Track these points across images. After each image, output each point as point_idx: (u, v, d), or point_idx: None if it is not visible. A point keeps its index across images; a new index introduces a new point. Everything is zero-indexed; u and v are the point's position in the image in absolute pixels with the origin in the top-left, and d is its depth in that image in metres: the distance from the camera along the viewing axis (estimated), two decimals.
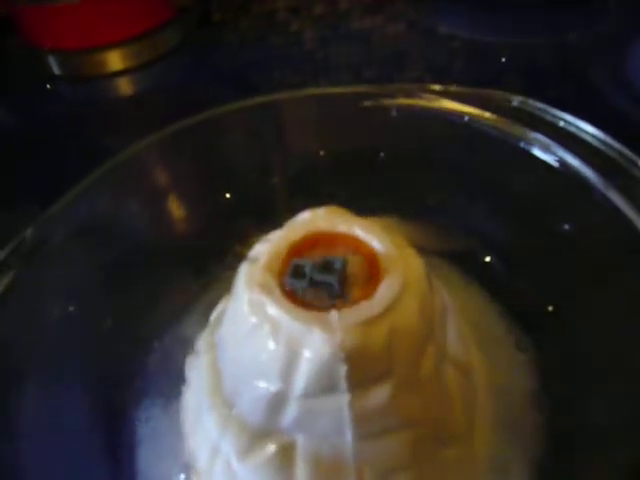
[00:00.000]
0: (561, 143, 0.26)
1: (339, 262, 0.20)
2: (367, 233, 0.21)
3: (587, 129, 0.26)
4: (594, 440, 0.22)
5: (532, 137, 0.27)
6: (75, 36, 0.53)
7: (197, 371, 0.25)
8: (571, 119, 0.26)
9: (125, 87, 0.56)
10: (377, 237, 0.21)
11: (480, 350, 0.26)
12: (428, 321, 0.20)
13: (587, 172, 0.25)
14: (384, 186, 0.32)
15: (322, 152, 0.34)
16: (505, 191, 0.29)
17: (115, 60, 0.55)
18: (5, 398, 0.23)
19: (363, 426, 0.19)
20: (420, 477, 0.21)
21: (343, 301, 0.19)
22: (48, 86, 0.56)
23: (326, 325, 0.19)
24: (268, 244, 0.22)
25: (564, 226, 0.27)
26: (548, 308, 0.27)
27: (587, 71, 0.46)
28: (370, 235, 0.21)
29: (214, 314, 0.27)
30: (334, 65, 0.55)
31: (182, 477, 0.24)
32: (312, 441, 0.20)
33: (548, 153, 0.27)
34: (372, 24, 0.61)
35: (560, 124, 0.27)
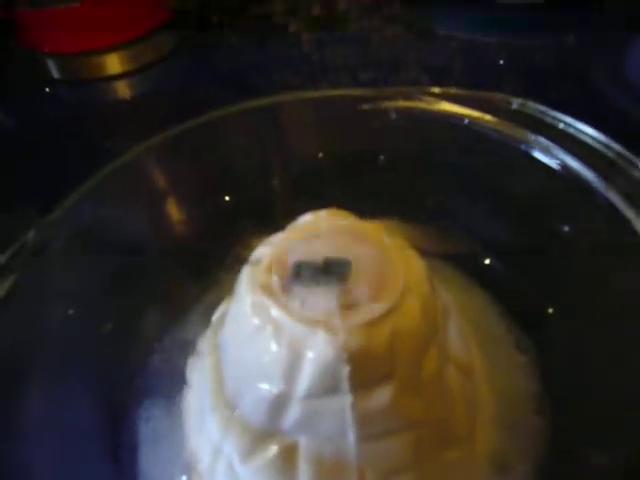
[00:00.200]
0: (561, 145, 0.26)
1: (341, 264, 0.20)
2: (369, 235, 0.22)
3: (587, 131, 0.26)
4: (594, 441, 0.23)
5: (532, 139, 0.27)
6: (74, 39, 0.53)
7: (199, 372, 0.25)
8: (571, 121, 0.26)
9: (124, 90, 0.56)
10: (379, 239, 0.21)
11: (481, 351, 0.26)
12: (430, 322, 0.20)
13: (587, 174, 0.25)
14: (384, 189, 0.32)
15: (322, 155, 0.34)
16: (505, 193, 0.29)
17: (114, 63, 0.55)
18: (7, 399, 0.23)
19: (365, 427, 0.19)
20: (422, 478, 0.21)
21: (345, 303, 0.19)
22: (47, 89, 0.56)
23: (329, 327, 0.19)
24: (270, 246, 0.22)
25: (564, 227, 0.27)
26: (548, 309, 0.27)
27: (586, 72, 0.46)
28: (372, 237, 0.22)
29: (216, 316, 0.27)
30: (332, 67, 0.55)
31: (184, 478, 0.24)
32: (314, 442, 0.20)
33: (548, 155, 0.27)
34: (370, 26, 0.61)
35: (560, 126, 0.27)
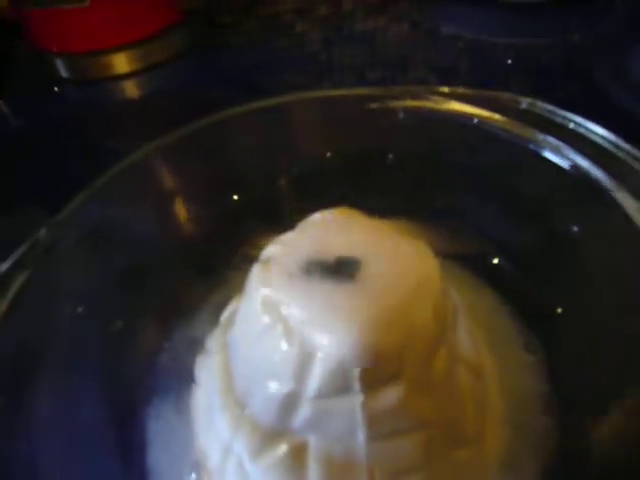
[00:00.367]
0: (571, 145, 0.26)
1: (352, 263, 0.20)
2: (380, 234, 0.22)
3: (597, 130, 0.26)
4: (603, 441, 0.22)
5: (542, 139, 0.27)
6: (82, 39, 0.54)
7: (208, 371, 0.25)
8: (581, 121, 0.26)
9: (132, 90, 0.56)
10: (390, 237, 0.21)
11: (490, 351, 0.26)
12: (441, 322, 0.20)
13: (597, 173, 0.25)
14: (392, 188, 0.32)
15: (329, 154, 0.34)
16: (514, 193, 0.29)
17: (122, 63, 0.55)
18: (16, 397, 0.23)
19: (375, 427, 0.19)
20: (431, 478, 0.21)
21: (356, 301, 0.19)
22: (55, 89, 0.56)
23: (339, 326, 0.19)
24: (281, 245, 0.22)
25: (574, 227, 0.27)
26: (557, 309, 0.27)
27: (593, 72, 0.46)
28: (383, 235, 0.22)
29: (225, 314, 0.27)
30: (338, 66, 0.55)
31: (193, 476, 0.24)
32: (324, 442, 0.20)
33: (558, 155, 0.27)
34: (376, 25, 0.61)
35: (570, 126, 0.27)
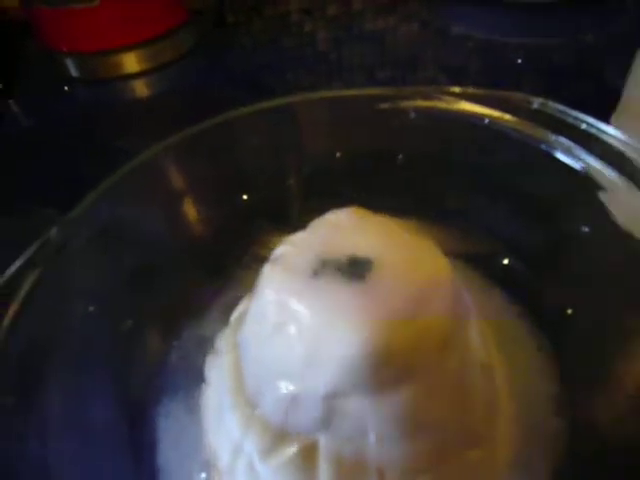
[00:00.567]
0: (582, 145, 0.26)
1: (364, 262, 0.20)
2: (392, 233, 0.22)
3: (609, 131, 0.25)
4: (614, 443, 0.22)
5: (553, 139, 0.27)
6: (92, 39, 0.54)
7: (218, 370, 0.25)
8: (593, 121, 0.26)
9: (141, 89, 0.56)
10: (402, 237, 0.21)
11: (500, 352, 0.26)
12: (453, 323, 0.20)
13: (609, 174, 0.25)
14: (402, 188, 0.32)
15: (339, 154, 0.34)
16: (525, 193, 0.29)
17: (131, 62, 0.55)
18: (27, 396, 0.24)
19: (386, 427, 0.19)
20: (442, 479, 0.21)
21: (368, 301, 0.19)
22: (65, 88, 0.57)
23: (351, 325, 0.19)
24: (292, 245, 0.22)
25: (584, 228, 0.27)
26: (567, 310, 0.27)
27: (604, 72, 0.45)
28: (395, 235, 0.21)
29: (235, 314, 0.27)
30: (348, 66, 0.55)
31: (203, 475, 0.25)
32: (334, 442, 0.20)
33: (569, 155, 0.27)
34: (385, 25, 0.61)
35: (582, 126, 0.26)
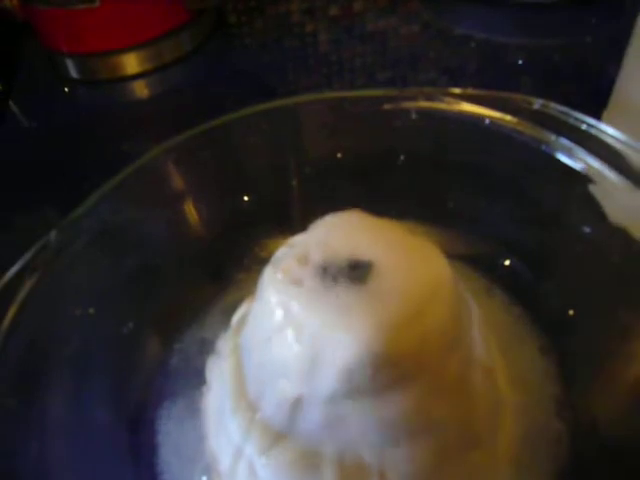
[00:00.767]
0: (583, 146, 0.26)
1: (365, 264, 0.20)
2: (393, 235, 0.21)
3: (609, 132, 0.25)
4: (616, 444, 0.22)
5: (554, 140, 0.27)
6: (92, 39, 0.54)
7: (219, 373, 0.25)
8: (593, 122, 0.26)
9: (141, 90, 0.56)
10: (404, 239, 0.21)
11: (502, 353, 0.26)
12: (455, 324, 0.20)
13: (609, 175, 0.25)
14: (404, 189, 0.32)
15: (340, 155, 0.33)
16: (526, 194, 0.29)
17: (132, 63, 0.55)
18: (27, 398, 0.24)
19: (388, 430, 0.19)
20: None
21: (369, 304, 0.19)
22: (66, 89, 0.57)
23: (352, 328, 0.19)
24: (293, 247, 0.22)
25: (586, 229, 0.27)
26: (569, 311, 0.27)
27: (604, 72, 0.45)
28: (397, 237, 0.21)
29: (236, 317, 0.27)
30: (349, 67, 0.55)
31: (204, 479, 0.25)
32: (336, 445, 0.20)
33: (570, 156, 0.27)
34: (387, 25, 0.60)
35: (582, 127, 0.26)
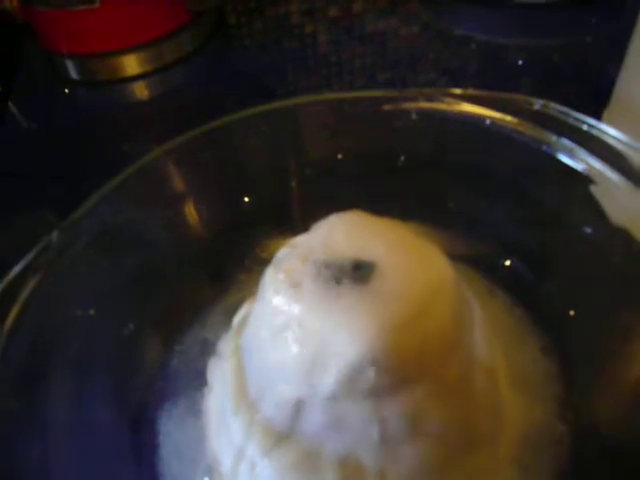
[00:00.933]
0: (584, 146, 0.26)
1: (367, 265, 0.20)
2: (395, 236, 0.21)
3: (610, 132, 0.25)
4: (618, 445, 0.22)
5: (555, 141, 0.27)
6: (93, 41, 0.54)
7: (220, 374, 0.25)
8: (594, 122, 0.26)
9: (142, 91, 0.56)
10: (405, 240, 0.21)
11: (503, 354, 0.26)
12: (458, 325, 0.20)
13: (610, 175, 0.25)
14: (404, 190, 0.32)
15: (341, 156, 0.33)
16: (527, 195, 0.29)
17: (132, 64, 0.55)
18: (29, 399, 0.24)
19: (390, 431, 0.19)
20: None
21: (372, 304, 0.19)
22: (66, 90, 0.57)
23: (354, 328, 0.19)
24: (294, 247, 0.22)
25: (586, 229, 0.27)
26: (570, 312, 0.27)
27: (605, 72, 0.45)
28: (398, 238, 0.21)
29: (237, 318, 0.27)
30: (349, 68, 0.55)
31: None
32: (338, 445, 0.20)
33: (571, 156, 0.27)
34: (387, 26, 0.60)
35: (583, 127, 0.26)
